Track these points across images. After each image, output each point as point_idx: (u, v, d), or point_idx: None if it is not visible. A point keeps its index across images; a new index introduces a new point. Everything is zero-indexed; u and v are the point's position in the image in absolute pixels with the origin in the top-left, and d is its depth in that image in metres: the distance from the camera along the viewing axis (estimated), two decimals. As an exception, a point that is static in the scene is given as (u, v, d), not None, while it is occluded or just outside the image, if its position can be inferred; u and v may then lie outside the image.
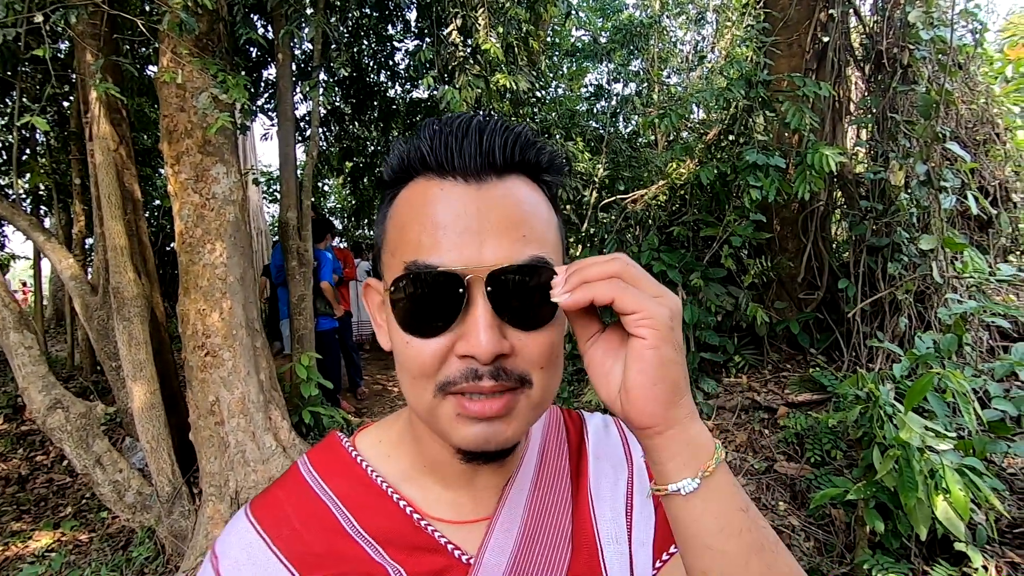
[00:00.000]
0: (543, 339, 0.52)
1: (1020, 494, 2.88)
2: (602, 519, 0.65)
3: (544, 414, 0.71)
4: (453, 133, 0.51)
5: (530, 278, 0.50)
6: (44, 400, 3.26)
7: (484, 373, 0.49)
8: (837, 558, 2.81)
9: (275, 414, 3.57)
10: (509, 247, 0.50)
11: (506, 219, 0.50)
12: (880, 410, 2.65)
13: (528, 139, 0.54)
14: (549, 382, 0.54)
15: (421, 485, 0.62)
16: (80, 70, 3.81)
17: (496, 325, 0.49)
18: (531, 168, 0.55)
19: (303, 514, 0.59)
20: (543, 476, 0.65)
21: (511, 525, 0.60)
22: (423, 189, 0.53)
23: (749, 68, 4.37)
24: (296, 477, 0.64)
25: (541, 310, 0.51)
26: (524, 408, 0.52)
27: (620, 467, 0.70)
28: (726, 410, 4.12)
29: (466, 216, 0.50)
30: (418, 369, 0.51)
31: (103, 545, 3.55)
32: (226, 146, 3.57)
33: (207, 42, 3.50)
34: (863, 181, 4.31)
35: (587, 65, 9.02)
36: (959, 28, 3.97)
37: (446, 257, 0.49)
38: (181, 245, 3.48)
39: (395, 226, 0.54)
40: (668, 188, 5.23)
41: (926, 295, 3.95)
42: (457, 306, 0.49)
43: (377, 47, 7.15)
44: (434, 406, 0.52)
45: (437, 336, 0.50)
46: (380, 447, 0.65)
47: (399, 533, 0.58)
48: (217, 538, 0.61)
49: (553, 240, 0.54)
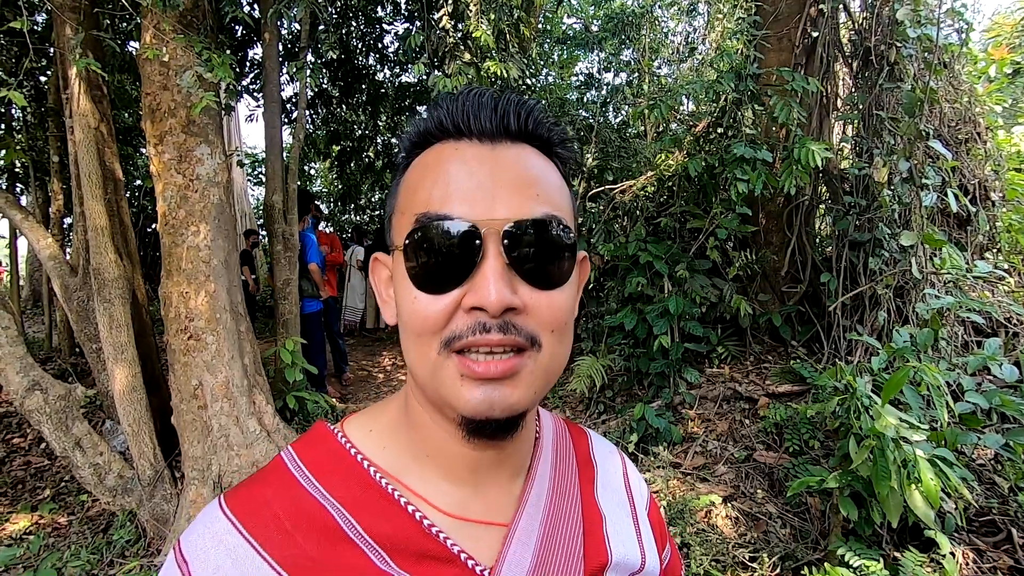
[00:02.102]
0: (556, 299, 0.51)
1: (988, 484, 2.98)
2: (615, 540, 0.64)
3: (552, 421, 0.70)
4: (471, 100, 0.53)
5: (545, 235, 0.50)
6: (22, 382, 3.21)
7: (492, 326, 0.47)
8: (812, 544, 2.89)
9: (259, 398, 3.55)
10: (522, 203, 0.49)
11: (519, 178, 0.51)
12: (857, 402, 2.72)
13: (540, 112, 0.55)
14: (558, 348, 0.52)
15: (422, 477, 0.57)
16: (59, 44, 3.71)
17: (508, 278, 0.48)
18: (543, 141, 0.56)
19: (294, 514, 0.53)
20: (557, 487, 0.62)
21: (528, 537, 0.57)
22: (438, 152, 0.53)
23: (739, 61, 4.38)
24: (282, 472, 0.57)
25: (555, 268, 0.51)
26: (531, 372, 0.50)
27: (622, 491, 0.71)
28: (708, 399, 4.18)
29: (480, 172, 0.50)
30: (422, 325, 0.50)
31: (83, 528, 3.51)
32: (210, 126, 3.51)
33: (191, 19, 3.42)
34: (847, 177, 4.37)
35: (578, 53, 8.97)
36: (945, 27, 4.02)
37: (458, 210, 0.48)
38: (164, 227, 3.43)
39: (407, 188, 0.54)
40: (656, 179, 5.25)
41: (905, 290, 4.03)
42: (471, 260, 0.48)
43: (366, 29, 7.04)
44: (437, 366, 0.50)
45: (446, 293, 0.49)
46: (372, 436, 0.60)
47: (406, 539, 0.53)
48: (182, 538, 0.53)
49: (566, 206, 0.54)
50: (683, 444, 3.87)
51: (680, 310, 4.16)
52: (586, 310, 5.28)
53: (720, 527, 3.06)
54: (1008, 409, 2.72)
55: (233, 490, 0.57)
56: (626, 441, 3.82)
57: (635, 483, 0.74)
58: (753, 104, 4.30)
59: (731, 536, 3.00)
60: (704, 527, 3.07)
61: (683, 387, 4.29)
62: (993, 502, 2.86)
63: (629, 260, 4.60)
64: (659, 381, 4.34)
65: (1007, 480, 2.90)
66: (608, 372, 4.57)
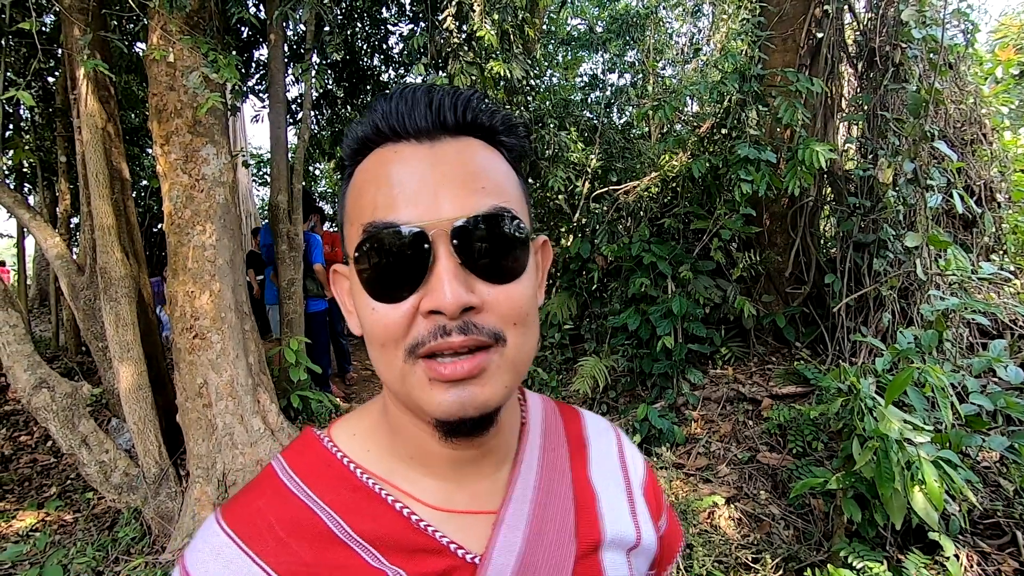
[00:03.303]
0: (514, 292, 0.50)
1: (993, 486, 2.97)
2: (609, 518, 0.64)
3: (540, 403, 0.70)
4: (404, 99, 0.51)
5: (496, 228, 0.49)
6: (29, 379, 3.23)
7: (452, 328, 0.47)
8: (815, 546, 2.89)
9: (263, 397, 3.56)
10: (467, 198, 0.48)
11: (463, 172, 0.49)
12: (861, 403, 2.71)
13: (477, 102, 0.53)
14: (523, 339, 0.51)
15: (406, 476, 0.58)
16: (67, 45, 3.74)
17: (462, 277, 0.47)
18: (485, 131, 0.54)
19: (287, 522, 0.54)
20: (546, 471, 0.62)
21: (518, 523, 0.57)
22: (378, 156, 0.52)
23: (743, 62, 4.37)
24: (274, 481, 0.58)
25: (509, 261, 0.50)
26: (498, 368, 0.50)
27: (617, 468, 0.70)
28: (711, 401, 4.18)
29: (421, 171, 0.49)
30: (384, 334, 0.49)
31: (88, 525, 3.54)
32: (216, 127, 3.53)
33: (198, 20, 3.45)
34: (852, 178, 4.35)
35: (582, 55, 8.98)
36: (951, 28, 4.01)
37: (403, 214, 0.48)
38: (170, 226, 3.45)
39: (353, 197, 0.54)
40: (660, 180, 5.25)
41: (910, 291, 4.01)
42: (423, 264, 0.47)
43: (371, 30, 7.06)
44: (405, 373, 0.50)
45: (403, 300, 0.48)
46: (356, 440, 0.61)
47: (397, 535, 0.54)
48: (185, 554, 0.55)
49: (515, 194, 0.53)
50: (686, 445, 3.87)
51: (684, 311, 4.16)
52: (589, 311, 5.28)
53: (723, 528, 3.06)
54: (1013, 411, 2.71)
55: (228, 503, 0.58)
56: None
57: (630, 459, 0.73)
58: (757, 105, 4.30)
59: (734, 537, 2.99)
60: (707, 528, 3.06)
61: (686, 388, 4.29)
62: (998, 504, 2.85)
63: (633, 261, 4.61)
64: (662, 382, 4.34)
65: (1012, 482, 2.88)
66: (611, 373, 4.57)
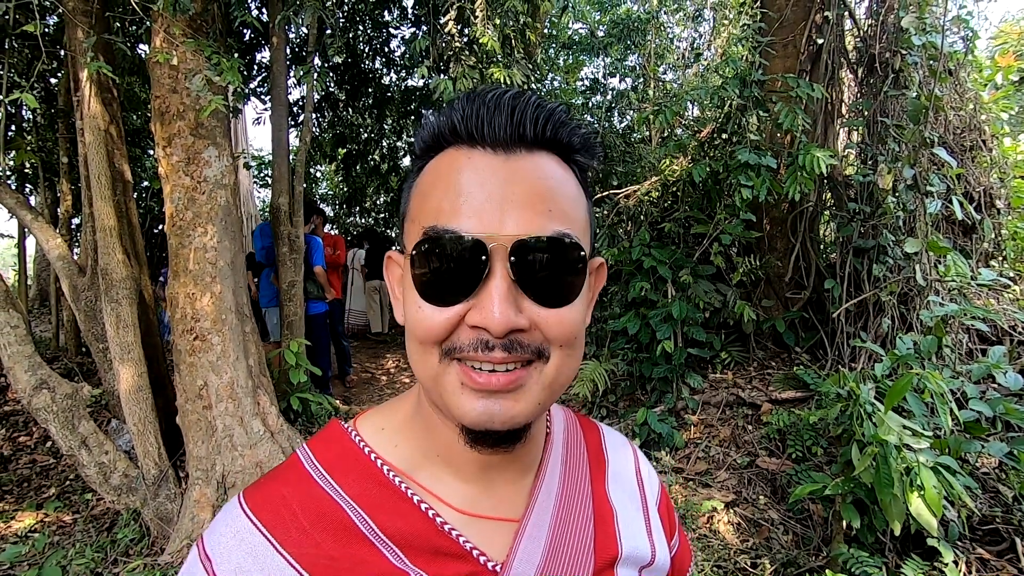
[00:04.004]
0: (565, 316, 0.50)
1: (992, 493, 2.97)
2: (626, 534, 0.64)
3: (563, 414, 0.70)
4: (486, 104, 0.50)
5: (555, 253, 0.48)
6: (30, 380, 3.24)
7: (496, 345, 0.47)
8: (814, 551, 2.89)
9: (263, 399, 3.57)
10: (532, 219, 0.48)
11: (532, 192, 0.49)
12: (860, 408, 2.71)
13: (561, 117, 0.52)
14: (566, 363, 0.51)
15: (433, 475, 0.58)
16: (71, 47, 3.75)
17: (513, 298, 0.47)
18: (562, 147, 0.54)
19: (312, 513, 0.54)
20: (568, 483, 0.63)
21: (539, 532, 0.57)
22: (451, 158, 0.52)
23: (744, 67, 4.39)
24: (299, 470, 0.57)
25: (564, 286, 0.50)
26: (535, 385, 0.50)
27: (634, 485, 0.71)
28: (711, 405, 4.18)
29: (491, 185, 0.48)
30: (426, 334, 0.49)
31: (87, 526, 3.54)
32: (218, 129, 3.54)
33: (201, 23, 3.46)
34: (852, 183, 4.37)
35: (584, 59, 9.01)
36: (950, 35, 4.03)
37: (466, 224, 0.47)
38: (171, 228, 3.46)
39: (419, 194, 0.54)
40: (661, 184, 5.26)
41: (909, 297, 4.02)
42: (477, 275, 0.47)
43: (373, 33, 7.09)
44: (439, 373, 0.50)
45: (451, 306, 0.48)
46: (384, 434, 0.60)
47: (420, 536, 0.53)
48: (205, 536, 0.54)
49: (581, 220, 0.53)
50: (685, 449, 3.87)
51: (683, 315, 4.17)
52: (589, 314, 5.27)
53: (722, 533, 3.06)
54: (1012, 417, 2.72)
55: (252, 488, 0.57)
56: (628, 446, 3.82)
57: (647, 475, 0.73)
58: (758, 110, 4.31)
59: (733, 542, 2.99)
60: (706, 533, 3.06)
61: (686, 392, 4.29)
62: (997, 511, 2.85)
63: (633, 265, 4.61)
64: (662, 386, 4.34)
65: (1011, 489, 2.88)
66: (611, 376, 4.57)
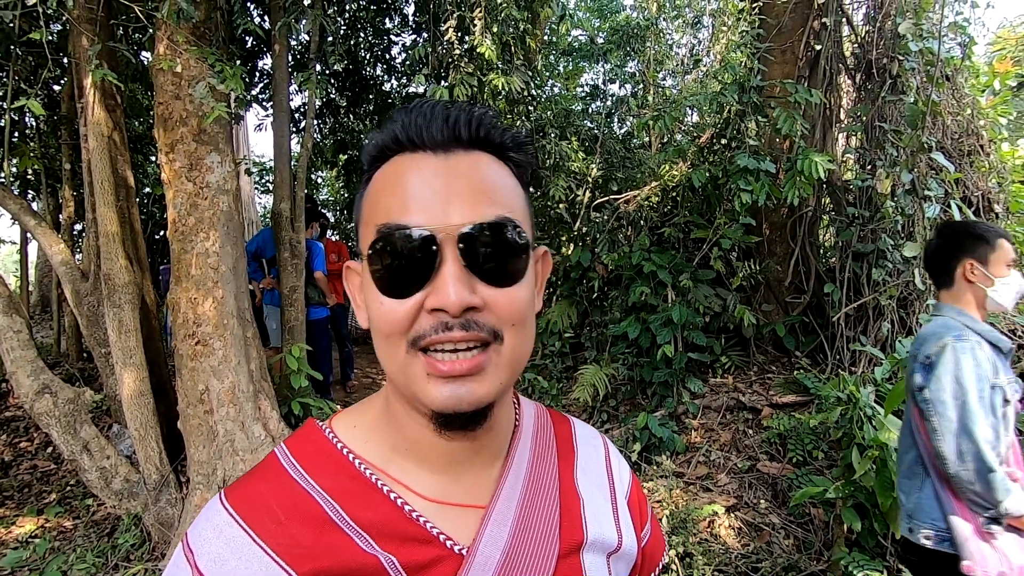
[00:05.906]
0: (514, 295, 0.54)
1: (992, 496, 2.96)
2: (592, 521, 0.66)
3: (533, 408, 0.73)
4: (422, 113, 0.56)
5: (498, 236, 0.53)
6: (32, 385, 3.25)
7: (454, 324, 0.51)
8: (815, 555, 2.89)
9: (264, 404, 3.57)
10: (475, 208, 0.53)
11: (472, 185, 0.54)
12: (860, 412, 2.72)
13: (490, 121, 0.58)
14: (520, 340, 0.56)
15: (402, 468, 0.61)
16: (75, 54, 3.78)
17: (466, 279, 0.52)
18: (496, 147, 0.59)
19: (287, 506, 0.57)
20: (535, 471, 0.66)
21: (505, 517, 0.60)
22: (396, 164, 0.57)
23: (743, 73, 4.42)
24: (276, 467, 0.61)
25: (510, 267, 0.54)
26: (495, 367, 0.54)
27: (603, 475, 0.74)
28: (711, 409, 4.19)
29: (435, 182, 0.54)
30: (390, 326, 0.54)
31: (88, 532, 3.54)
32: (221, 135, 3.57)
33: (204, 30, 3.49)
34: (851, 188, 4.39)
35: (583, 65, 9.05)
36: (947, 41, 4.06)
37: (415, 218, 0.52)
38: (174, 233, 3.48)
39: (370, 200, 0.58)
40: (660, 189, 5.28)
41: (908, 301, 4.04)
42: (430, 265, 0.52)
43: (374, 40, 7.13)
44: (406, 365, 0.54)
45: (410, 296, 0.53)
46: (356, 431, 0.64)
47: (390, 523, 0.57)
48: (189, 531, 0.58)
49: (520, 206, 0.58)
50: (686, 454, 3.87)
51: (684, 320, 4.18)
52: (590, 319, 5.30)
53: (723, 537, 3.06)
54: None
55: (232, 486, 0.61)
56: (629, 450, 3.83)
57: (616, 468, 0.77)
58: (757, 116, 4.34)
59: (734, 546, 2.99)
60: (707, 537, 3.06)
61: (686, 397, 4.29)
62: (998, 514, 2.84)
63: (633, 270, 4.63)
64: (662, 391, 4.35)
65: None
66: (611, 381, 4.58)
